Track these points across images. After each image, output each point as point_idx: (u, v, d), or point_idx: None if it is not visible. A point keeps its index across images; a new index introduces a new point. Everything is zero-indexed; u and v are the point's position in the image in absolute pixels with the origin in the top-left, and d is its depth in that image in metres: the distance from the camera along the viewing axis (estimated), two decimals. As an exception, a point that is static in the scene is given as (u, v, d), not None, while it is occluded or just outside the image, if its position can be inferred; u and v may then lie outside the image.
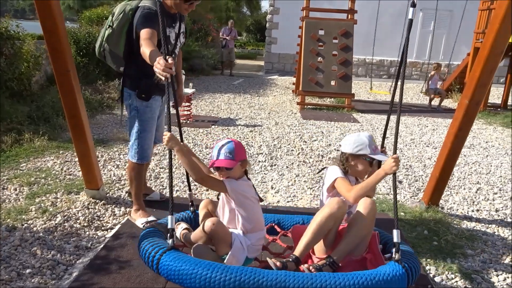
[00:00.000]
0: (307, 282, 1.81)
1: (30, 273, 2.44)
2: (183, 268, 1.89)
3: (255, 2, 24.89)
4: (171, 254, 1.97)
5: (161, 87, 2.83)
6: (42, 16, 2.56)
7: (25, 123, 5.23)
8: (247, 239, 2.18)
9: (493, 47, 2.61)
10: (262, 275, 1.85)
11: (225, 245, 2.12)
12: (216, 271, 1.86)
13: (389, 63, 14.96)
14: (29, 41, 6.31)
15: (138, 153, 2.96)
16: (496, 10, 2.58)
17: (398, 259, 1.96)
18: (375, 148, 2.29)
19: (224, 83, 11.61)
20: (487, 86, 2.81)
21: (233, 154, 2.12)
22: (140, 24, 2.63)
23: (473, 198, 4.03)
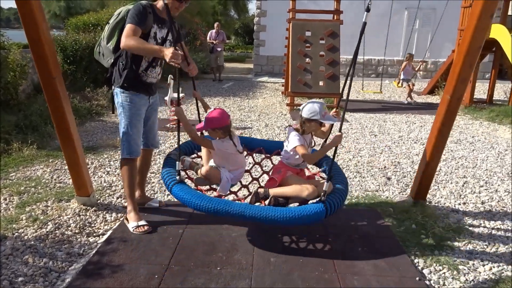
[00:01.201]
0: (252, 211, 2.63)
1: (23, 281, 2.45)
2: (184, 197, 2.77)
3: (242, 4, 24.96)
4: (179, 186, 2.85)
5: (145, 85, 3.03)
6: (26, 25, 2.58)
7: (13, 133, 5.21)
8: (231, 174, 3.05)
9: (471, 43, 2.68)
10: (231, 205, 2.69)
11: (216, 180, 3.05)
12: (203, 200, 2.71)
13: (377, 62, 15.11)
14: (14, 50, 6.28)
15: (126, 148, 3.03)
16: (473, 8, 2.65)
17: (324, 200, 2.69)
18: (325, 114, 2.90)
19: (213, 87, 11.64)
20: (467, 81, 2.88)
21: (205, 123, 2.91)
22: (128, 17, 2.79)
23: (460, 192, 4.11)
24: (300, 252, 2.81)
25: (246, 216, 2.62)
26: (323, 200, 2.68)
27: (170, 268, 2.58)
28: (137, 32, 2.75)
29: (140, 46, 2.75)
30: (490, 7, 2.54)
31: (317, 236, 3.05)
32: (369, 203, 3.75)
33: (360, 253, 2.83)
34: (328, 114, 2.95)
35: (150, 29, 2.87)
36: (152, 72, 3.04)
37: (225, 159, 3.04)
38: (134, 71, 2.94)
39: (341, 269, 2.61)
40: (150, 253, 2.74)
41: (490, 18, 2.60)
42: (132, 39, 2.71)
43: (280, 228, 3.13)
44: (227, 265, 2.63)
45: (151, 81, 3.07)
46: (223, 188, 3.02)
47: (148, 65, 2.99)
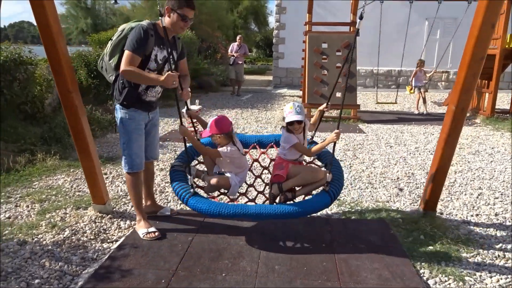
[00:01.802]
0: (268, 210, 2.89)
1: (39, 283, 2.59)
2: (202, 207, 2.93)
3: (262, 18, 25.30)
4: (194, 198, 2.99)
5: (145, 103, 3.13)
6: (46, 43, 2.78)
7: (38, 144, 5.47)
8: (237, 177, 3.24)
9: (474, 54, 2.71)
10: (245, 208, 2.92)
11: (226, 186, 3.23)
12: (221, 208, 2.90)
13: (397, 72, 15.00)
14: (41, 65, 6.61)
15: (127, 162, 3.14)
16: (474, 19, 2.68)
17: (326, 189, 3.04)
18: (288, 113, 3.13)
19: (232, 99, 11.82)
20: (472, 91, 2.89)
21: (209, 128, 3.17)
22: (128, 42, 2.87)
23: (473, 203, 4.06)
24: (305, 261, 2.86)
25: (263, 215, 2.89)
26: (326, 190, 3.03)
27: (177, 273, 2.67)
28: (135, 61, 2.84)
29: (138, 78, 2.90)
30: (490, 18, 2.57)
31: (323, 245, 3.08)
32: (379, 213, 3.76)
33: (364, 262, 2.85)
34: (292, 112, 3.15)
35: (150, 52, 2.94)
36: (152, 91, 3.13)
37: (231, 164, 3.22)
38: (134, 90, 3.02)
39: (344, 278, 2.64)
40: (159, 259, 2.84)
41: (491, 29, 2.62)
42: (131, 69, 2.82)
43: (286, 237, 3.19)
44: (232, 272, 2.70)
45: (150, 99, 3.16)
46: (233, 192, 3.24)
47: (148, 86, 3.07)
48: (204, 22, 15.90)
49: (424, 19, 14.36)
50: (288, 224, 3.43)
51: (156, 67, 3.05)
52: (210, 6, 16.89)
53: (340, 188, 3.11)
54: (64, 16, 22.74)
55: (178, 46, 3.21)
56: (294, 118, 3.10)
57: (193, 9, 2.97)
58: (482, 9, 2.56)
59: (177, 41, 3.20)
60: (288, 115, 3.15)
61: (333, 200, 3.02)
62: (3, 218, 3.55)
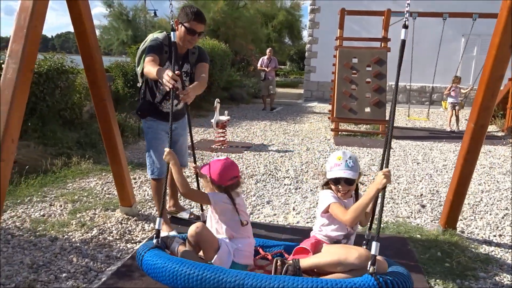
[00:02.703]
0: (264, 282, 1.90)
1: (66, 277, 2.78)
2: (157, 263, 2.09)
3: (296, 32, 25.54)
4: (153, 252, 2.19)
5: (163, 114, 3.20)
6: (83, 55, 3.02)
7: (74, 148, 5.81)
8: (233, 243, 2.33)
9: (492, 73, 2.72)
10: (224, 273, 1.97)
11: (212, 249, 2.26)
12: (183, 266, 2.02)
13: (431, 89, 14.72)
14: (82, 74, 7.02)
15: (150, 169, 3.34)
16: (493, 38, 2.70)
17: (372, 272, 1.91)
18: (335, 165, 2.28)
19: (262, 111, 11.99)
20: (491, 109, 2.89)
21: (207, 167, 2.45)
22: (146, 51, 3.00)
23: (498, 224, 3.97)
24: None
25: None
26: (371, 272, 1.92)
27: (193, 275, 2.77)
28: (155, 59, 2.86)
29: (148, 71, 2.78)
30: (509, 38, 2.58)
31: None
32: (398, 228, 3.75)
33: (377, 275, 2.87)
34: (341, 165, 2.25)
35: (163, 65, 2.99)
36: (167, 104, 3.19)
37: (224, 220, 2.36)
38: (150, 102, 3.19)
39: (355, 289, 2.66)
40: (177, 261, 2.96)
41: (509, 49, 2.63)
42: (149, 65, 2.77)
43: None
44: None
45: (167, 111, 3.13)
46: (222, 259, 2.23)
47: (162, 98, 3.20)
48: (238, 35, 16.29)
49: (461, 35, 14.08)
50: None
51: None
52: (245, 20, 17.29)
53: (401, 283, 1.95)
54: (107, 28, 23.85)
55: (192, 58, 3.20)
56: (341, 174, 2.23)
57: (201, 22, 2.93)
58: (500, 29, 2.58)
59: (190, 54, 3.19)
60: (333, 169, 2.27)
61: None
62: (38, 215, 3.81)
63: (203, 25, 2.99)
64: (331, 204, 2.28)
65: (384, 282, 1.88)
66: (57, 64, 6.15)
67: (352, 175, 2.24)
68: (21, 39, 2.24)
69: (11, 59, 2.23)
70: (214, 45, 12.42)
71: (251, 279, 1.92)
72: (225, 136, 7.10)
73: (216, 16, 16.06)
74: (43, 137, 5.68)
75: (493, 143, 7.98)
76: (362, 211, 2.17)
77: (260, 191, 4.75)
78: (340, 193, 2.32)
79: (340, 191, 2.32)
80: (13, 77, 2.19)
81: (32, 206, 4.03)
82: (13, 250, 3.10)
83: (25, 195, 4.28)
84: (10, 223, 3.60)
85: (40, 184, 4.63)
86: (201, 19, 2.95)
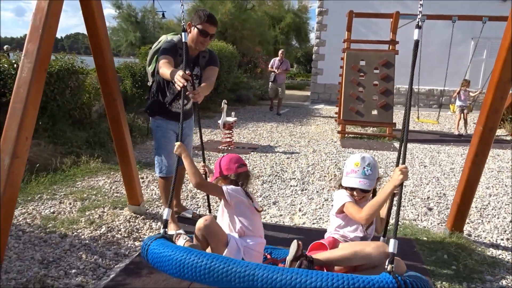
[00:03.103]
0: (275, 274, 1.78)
1: (75, 273, 2.83)
2: (163, 252, 1.98)
3: (304, 35, 25.56)
4: (159, 241, 2.07)
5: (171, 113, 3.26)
6: (94, 54, 3.08)
7: (83, 147, 5.88)
8: (243, 240, 2.27)
9: (501, 76, 2.72)
10: (233, 263, 1.85)
11: (220, 244, 2.19)
12: (191, 255, 1.90)
13: (439, 92, 14.67)
14: (91, 75, 7.10)
15: (157, 167, 3.39)
16: (502, 41, 2.70)
17: (390, 270, 1.79)
18: (351, 171, 2.23)
19: (269, 113, 12.01)
20: (500, 112, 2.89)
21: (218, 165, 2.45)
22: (160, 53, 3.06)
23: (505, 227, 3.96)
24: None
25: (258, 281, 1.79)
26: (389, 271, 1.79)
27: (201, 273, 2.80)
28: (169, 62, 2.92)
29: (163, 72, 2.83)
30: (519, 41, 2.60)
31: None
32: (404, 231, 3.76)
33: (383, 276, 2.88)
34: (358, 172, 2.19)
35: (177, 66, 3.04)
36: (177, 103, 3.27)
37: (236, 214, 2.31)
38: (160, 101, 3.24)
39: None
40: (185, 259, 2.99)
41: (519, 51, 2.64)
42: (164, 66, 2.83)
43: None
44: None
45: (176, 111, 3.28)
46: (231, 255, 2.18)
47: (173, 98, 3.25)
48: (246, 37, 16.35)
49: (470, 38, 14.03)
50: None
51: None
52: (253, 22, 17.35)
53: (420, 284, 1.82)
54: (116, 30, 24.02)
55: (202, 62, 3.25)
56: (357, 184, 2.18)
57: (213, 24, 3.03)
58: (510, 32, 2.59)
59: (201, 58, 3.24)
60: (349, 175, 2.22)
61: None
62: (48, 212, 3.87)
63: (215, 27, 3.09)
64: (346, 203, 2.22)
65: (404, 281, 1.74)
66: (68, 65, 6.23)
67: (368, 186, 2.19)
68: (37, 39, 2.29)
69: (27, 59, 2.28)
70: (221, 46, 12.48)
71: (263, 270, 1.79)
72: (232, 137, 7.14)
73: (224, 18, 16.13)
74: (53, 136, 5.75)
75: (502, 147, 7.93)
76: (378, 208, 2.09)
77: (266, 192, 4.77)
78: (355, 198, 2.28)
79: (355, 196, 2.27)
80: (28, 76, 2.24)
81: (42, 203, 4.10)
82: (24, 246, 3.16)
83: (35, 193, 4.34)
84: (21, 220, 3.66)
85: (50, 182, 4.69)
86: (213, 21, 3.05)
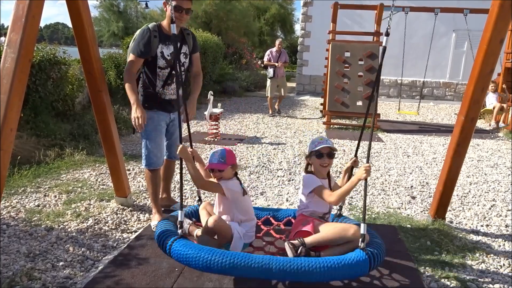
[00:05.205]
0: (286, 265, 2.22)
1: (63, 265, 2.82)
2: (189, 253, 2.32)
3: (289, 26, 25.52)
4: (181, 242, 2.41)
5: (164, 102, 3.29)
6: (80, 45, 3.03)
7: (67, 140, 5.80)
8: (242, 228, 2.65)
9: (482, 67, 2.79)
10: (251, 259, 2.26)
11: (226, 237, 2.57)
12: (215, 255, 2.28)
13: (421, 84, 14.88)
14: (74, 66, 6.97)
15: (145, 159, 3.36)
16: (483, 34, 2.77)
17: (363, 247, 2.33)
18: (318, 143, 2.66)
19: (254, 104, 12.01)
20: (480, 103, 2.97)
21: (225, 159, 2.65)
22: (133, 44, 3.10)
23: (485, 214, 4.08)
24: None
25: (273, 271, 2.20)
26: (362, 248, 2.32)
27: (189, 263, 2.83)
28: (136, 64, 3.08)
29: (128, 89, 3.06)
30: (499, 34, 2.66)
31: (330, 246, 3.19)
32: (389, 219, 3.84)
33: (369, 263, 2.95)
34: (322, 142, 2.67)
35: (156, 51, 3.12)
36: (168, 89, 3.28)
37: (234, 206, 2.68)
38: (151, 92, 3.24)
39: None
40: (173, 250, 3.01)
41: (500, 43, 2.70)
42: (128, 81, 3.03)
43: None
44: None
45: (169, 97, 3.30)
46: (236, 247, 2.57)
47: (164, 84, 3.24)
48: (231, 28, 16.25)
49: (452, 31, 14.22)
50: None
51: (166, 63, 3.20)
52: (238, 13, 17.24)
53: (383, 253, 2.43)
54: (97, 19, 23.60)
55: (189, 40, 3.31)
56: (323, 145, 2.62)
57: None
58: (491, 24, 2.65)
59: (186, 36, 3.30)
60: (317, 146, 2.65)
61: (373, 264, 2.30)
62: (33, 206, 3.82)
63: (190, 2, 3.10)
64: (316, 187, 2.63)
65: (372, 254, 2.31)
66: (50, 55, 6.11)
67: (331, 145, 2.65)
68: (20, 28, 2.25)
69: (10, 49, 2.24)
70: (206, 37, 12.39)
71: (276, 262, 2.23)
72: (218, 129, 7.13)
73: (209, 9, 15.99)
74: (36, 128, 5.66)
75: (481, 137, 8.12)
76: (345, 196, 2.61)
77: (253, 183, 4.80)
78: (322, 168, 2.66)
79: (322, 165, 2.66)
80: (11, 67, 2.20)
81: (26, 196, 4.04)
82: (9, 240, 3.12)
83: (18, 186, 4.28)
84: (5, 213, 3.61)
85: (34, 175, 4.63)
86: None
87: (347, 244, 2.46)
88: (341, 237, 2.47)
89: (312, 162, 2.73)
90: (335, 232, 2.48)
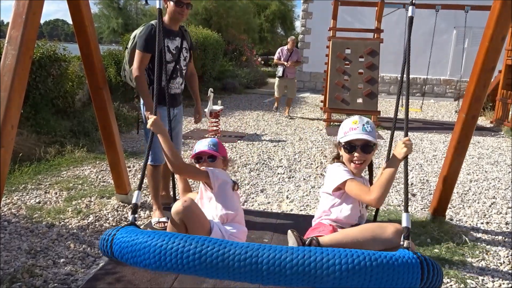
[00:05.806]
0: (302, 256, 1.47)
1: (64, 262, 2.82)
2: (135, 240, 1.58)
3: (289, 22, 25.46)
4: (127, 229, 1.66)
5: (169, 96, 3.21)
6: (80, 42, 3.03)
7: (67, 137, 5.80)
8: (227, 228, 2.09)
9: (484, 64, 2.79)
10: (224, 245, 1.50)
11: (202, 230, 1.94)
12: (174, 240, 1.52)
13: (422, 81, 14.87)
14: (74, 62, 6.96)
15: (151, 155, 3.32)
16: (485, 30, 2.77)
17: (407, 246, 1.60)
18: (350, 130, 1.99)
19: (254, 101, 12.00)
20: (482, 100, 2.96)
21: (217, 147, 2.30)
22: (138, 41, 3.11)
23: (485, 212, 4.09)
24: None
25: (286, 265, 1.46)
26: (406, 247, 1.61)
27: (190, 260, 2.83)
28: (146, 59, 3.08)
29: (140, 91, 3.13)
30: (501, 31, 2.65)
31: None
32: (388, 216, 3.85)
33: (369, 261, 2.95)
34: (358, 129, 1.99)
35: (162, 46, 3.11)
36: (174, 83, 3.31)
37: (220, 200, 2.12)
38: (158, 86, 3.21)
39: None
40: (174, 247, 3.01)
41: (502, 41, 2.70)
42: (140, 79, 3.07)
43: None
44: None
45: (175, 91, 3.34)
46: None
47: (169, 78, 3.25)
48: (231, 25, 16.21)
49: (453, 27, 14.19)
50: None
51: (172, 57, 3.23)
52: (238, 10, 17.20)
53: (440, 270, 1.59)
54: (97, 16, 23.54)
55: (187, 36, 3.36)
56: (359, 137, 1.93)
57: None
58: (493, 21, 2.65)
59: (184, 32, 3.34)
60: (347, 134, 1.96)
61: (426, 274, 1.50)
62: (34, 202, 3.83)
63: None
64: (348, 180, 1.92)
65: (424, 258, 1.55)
66: (50, 52, 6.10)
67: (372, 139, 1.95)
68: (20, 25, 2.24)
69: (10, 46, 2.24)
70: (206, 34, 12.34)
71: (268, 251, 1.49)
72: (218, 126, 7.13)
73: (209, 5, 15.95)
74: (36, 125, 5.66)
75: (482, 134, 8.12)
76: (388, 187, 1.88)
77: (253, 180, 4.80)
78: (354, 165, 1.99)
79: (354, 161, 1.98)
80: (12, 63, 2.20)
81: (27, 193, 4.05)
82: (10, 236, 3.13)
83: (19, 183, 4.28)
84: (6, 210, 3.61)
85: (34, 172, 4.63)
86: None
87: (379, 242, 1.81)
88: (374, 237, 1.78)
89: (341, 154, 2.07)
90: (366, 229, 1.81)
